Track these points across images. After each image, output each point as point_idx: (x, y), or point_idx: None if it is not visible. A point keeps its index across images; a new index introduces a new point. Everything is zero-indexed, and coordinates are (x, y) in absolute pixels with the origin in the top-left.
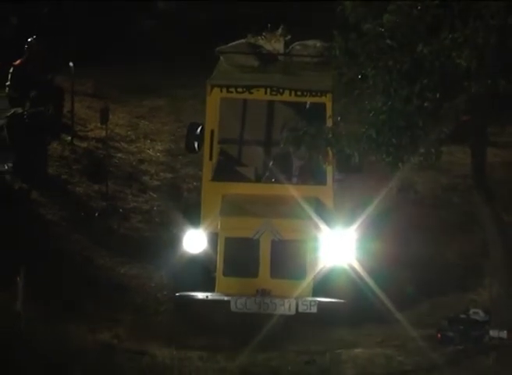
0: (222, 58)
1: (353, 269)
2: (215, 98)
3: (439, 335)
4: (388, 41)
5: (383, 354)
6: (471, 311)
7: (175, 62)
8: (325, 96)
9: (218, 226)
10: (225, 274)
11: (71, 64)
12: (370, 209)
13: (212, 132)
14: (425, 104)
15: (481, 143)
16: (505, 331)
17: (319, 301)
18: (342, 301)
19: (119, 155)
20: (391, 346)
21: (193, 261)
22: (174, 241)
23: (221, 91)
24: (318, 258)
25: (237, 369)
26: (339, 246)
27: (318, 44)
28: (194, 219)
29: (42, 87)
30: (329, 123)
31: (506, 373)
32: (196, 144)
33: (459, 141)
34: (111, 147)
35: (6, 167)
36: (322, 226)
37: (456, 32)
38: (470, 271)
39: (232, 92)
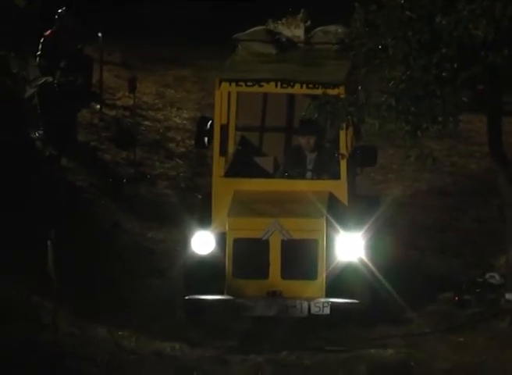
0: (239, 45)
1: (367, 267)
2: (224, 92)
3: (457, 298)
4: (407, 13)
5: (403, 318)
6: (488, 275)
7: (198, 34)
8: (338, 88)
9: (226, 227)
10: (234, 276)
11: (100, 34)
12: (386, 202)
13: (222, 127)
14: (443, 73)
15: (497, 111)
16: None
17: (332, 302)
18: (355, 301)
19: (147, 122)
20: (410, 309)
21: (202, 263)
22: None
23: (230, 84)
24: (330, 258)
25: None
26: (351, 244)
27: (340, 29)
28: (205, 217)
29: (72, 56)
30: None
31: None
32: (206, 140)
33: (476, 110)
34: (138, 115)
35: (37, 134)
36: (334, 223)
37: (474, 4)
38: (486, 236)
39: (241, 86)
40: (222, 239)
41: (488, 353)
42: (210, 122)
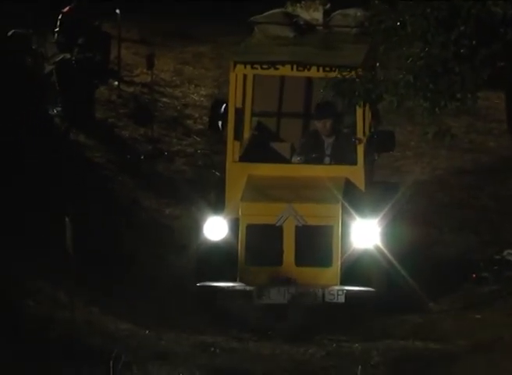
0: (256, 28)
1: (383, 254)
2: (239, 75)
3: (474, 276)
4: None
5: (421, 300)
6: (505, 252)
7: (215, 11)
8: (355, 72)
9: (240, 213)
10: (247, 263)
11: (117, 11)
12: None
13: (237, 110)
14: (462, 50)
15: None
16: None
17: (347, 290)
18: (371, 289)
19: (164, 99)
20: (427, 291)
21: (215, 249)
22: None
23: (245, 67)
24: (346, 244)
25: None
26: (367, 231)
27: (359, 13)
28: (218, 203)
29: (90, 33)
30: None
31: None
32: (220, 124)
33: (494, 87)
34: (156, 92)
35: (55, 111)
36: (350, 209)
37: None
38: (504, 214)
39: (256, 68)
40: (235, 225)
41: (505, 330)
42: (224, 105)
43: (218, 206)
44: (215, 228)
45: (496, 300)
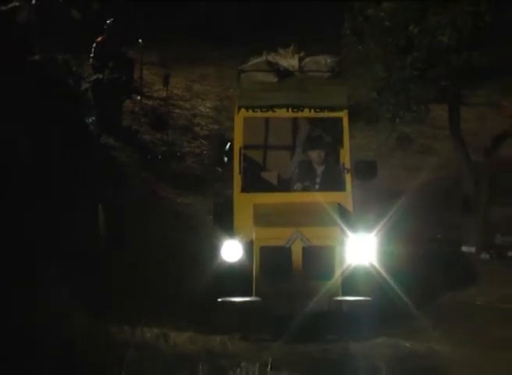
0: (242, 75)
1: (376, 268)
2: (243, 117)
3: (422, 251)
4: (387, 23)
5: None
6: (447, 231)
7: (222, 38)
8: (342, 111)
9: (253, 237)
10: (261, 280)
11: (140, 40)
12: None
13: (241, 149)
14: (415, 72)
15: (457, 102)
16: (473, 247)
17: (348, 300)
18: (368, 298)
19: (177, 110)
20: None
21: (232, 269)
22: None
23: (247, 110)
24: (345, 261)
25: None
26: (362, 248)
27: (329, 59)
28: (227, 227)
29: (118, 58)
30: (346, 134)
31: (474, 279)
32: (225, 159)
33: (439, 100)
34: (171, 104)
35: (91, 120)
36: (346, 230)
37: (440, 15)
38: (445, 202)
39: (257, 111)
40: (248, 247)
41: (447, 294)
42: (229, 143)
43: (226, 230)
44: (231, 250)
45: (439, 270)
